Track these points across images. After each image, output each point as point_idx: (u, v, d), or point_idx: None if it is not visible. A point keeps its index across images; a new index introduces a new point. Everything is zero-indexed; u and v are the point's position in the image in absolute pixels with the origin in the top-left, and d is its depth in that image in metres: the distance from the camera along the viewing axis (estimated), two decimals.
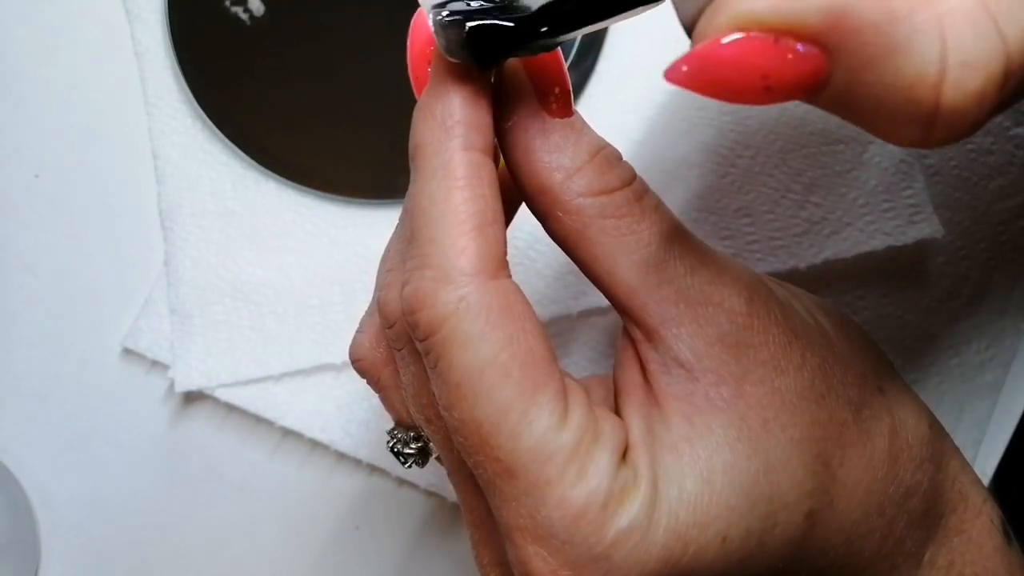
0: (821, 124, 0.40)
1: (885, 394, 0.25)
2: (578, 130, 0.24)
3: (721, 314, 0.23)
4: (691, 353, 0.23)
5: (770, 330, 0.23)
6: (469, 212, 0.22)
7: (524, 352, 0.22)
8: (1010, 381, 0.42)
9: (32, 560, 0.41)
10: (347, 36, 0.40)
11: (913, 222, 0.40)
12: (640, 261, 0.23)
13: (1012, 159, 0.41)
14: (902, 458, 0.24)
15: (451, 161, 0.22)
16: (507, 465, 0.21)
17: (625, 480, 0.22)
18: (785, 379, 0.23)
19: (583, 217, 0.23)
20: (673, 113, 0.40)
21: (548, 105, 0.23)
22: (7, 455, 0.41)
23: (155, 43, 0.41)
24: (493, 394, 0.21)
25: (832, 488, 0.23)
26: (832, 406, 0.23)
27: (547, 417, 0.21)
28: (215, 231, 0.40)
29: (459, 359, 0.21)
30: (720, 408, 0.22)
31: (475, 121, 0.23)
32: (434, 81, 0.23)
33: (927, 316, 0.41)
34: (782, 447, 0.22)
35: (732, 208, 0.40)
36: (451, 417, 0.22)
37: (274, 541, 0.41)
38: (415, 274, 0.22)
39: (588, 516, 0.21)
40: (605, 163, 0.23)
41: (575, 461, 0.21)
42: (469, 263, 0.22)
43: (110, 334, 0.41)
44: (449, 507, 0.41)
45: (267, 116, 0.40)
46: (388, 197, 0.40)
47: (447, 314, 0.21)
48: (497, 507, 0.22)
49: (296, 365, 0.39)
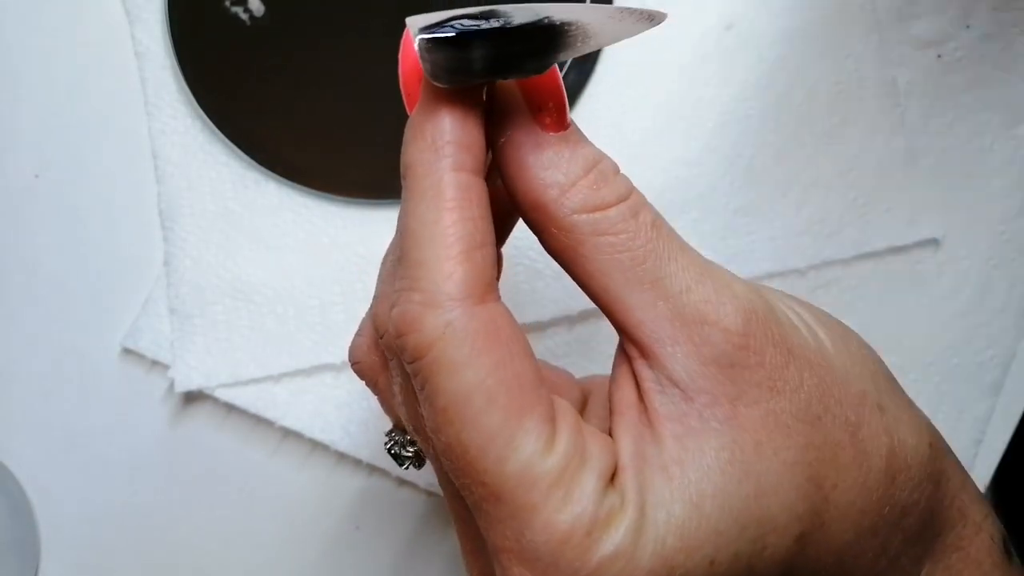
0: (821, 124, 0.40)
1: (885, 413, 0.25)
2: (572, 144, 0.23)
3: (717, 333, 0.23)
4: (685, 373, 0.22)
5: (767, 350, 0.23)
6: (458, 235, 0.22)
7: (511, 377, 0.22)
8: (1010, 381, 0.42)
9: (32, 560, 0.41)
10: (347, 36, 0.40)
11: (913, 222, 0.40)
12: (635, 279, 0.23)
13: (1012, 159, 0.41)
14: (899, 479, 0.24)
15: (440, 183, 0.22)
16: (493, 489, 0.21)
17: (612, 505, 0.21)
18: (781, 400, 0.23)
19: (577, 234, 0.23)
20: (673, 113, 0.40)
21: (542, 119, 0.23)
22: (7, 455, 0.41)
23: (155, 43, 0.41)
24: (479, 420, 0.21)
25: (825, 511, 0.23)
26: (828, 427, 0.23)
27: (533, 442, 0.21)
28: (215, 231, 0.40)
29: (445, 385, 0.21)
30: (714, 429, 0.22)
31: (465, 141, 0.22)
32: (424, 99, 0.23)
33: (927, 316, 0.41)
34: (774, 471, 0.22)
35: (732, 208, 0.40)
36: (438, 440, 0.22)
37: (274, 541, 0.41)
38: (403, 296, 0.22)
39: (573, 541, 0.21)
40: (600, 178, 0.23)
41: (560, 486, 0.21)
42: (456, 288, 0.22)
43: (110, 334, 0.41)
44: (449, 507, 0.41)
45: (267, 116, 0.40)
46: (388, 197, 0.40)
47: (433, 339, 0.21)
48: (484, 527, 0.22)
49: (296, 365, 0.39)
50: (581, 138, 0.24)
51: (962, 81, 0.41)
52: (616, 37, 0.22)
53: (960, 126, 0.41)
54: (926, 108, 0.41)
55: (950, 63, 0.41)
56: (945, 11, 0.41)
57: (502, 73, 0.22)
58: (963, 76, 0.41)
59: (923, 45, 0.41)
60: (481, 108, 0.23)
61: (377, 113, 0.40)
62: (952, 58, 0.41)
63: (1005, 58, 0.41)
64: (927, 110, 0.41)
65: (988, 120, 0.41)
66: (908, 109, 0.40)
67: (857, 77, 0.40)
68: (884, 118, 0.40)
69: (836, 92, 0.40)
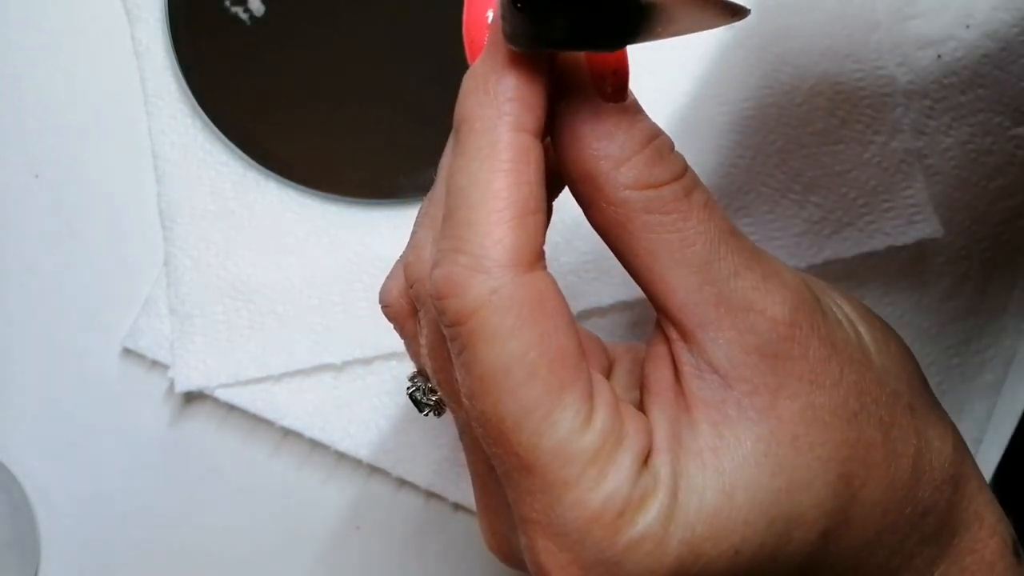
0: (821, 124, 0.40)
1: (915, 414, 0.24)
2: (631, 116, 0.22)
3: (763, 322, 0.22)
4: (727, 360, 0.22)
5: (811, 343, 0.22)
6: (511, 200, 0.21)
7: (554, 350, 0.21)
8: (1010, 381, 0.42)
9: (32, 560, 0.41)
10: (347, 36, 0.40)
11: (913, 222, 0.40)
12: (683, 260, 0.22)
13: (1012, 159, 0.41)
14: (923, 480, 0.24)
15: (499, 142, 0.21)
16: (526, 462, 0.21)
17: (645, 487, 0.21)
18: (821, 395, 0.22)
19: (627, 210, 0.22)
20: (673, 113, 0.40)
21: (602, 88, 0.22)
22: (7, 455, 0.41)
23: (155, 43, 0.41)
24: (518, 392, 0.21)
25: (851, 507, 0.23)
26: (863, 425, 0.23)
27: (571, 418, 0.21)
28: (215, 231, 0.40)
29: (485, 354, 0.21)
30: (751, 420, 0.22)
31: (530, 101, 0.21)
32: (491, 50, 0.21)
33: (927, 316, 0.41)
34: (808, 466, 0.22)
35: (732, 208, 0.40)
36: (472, 407, 0.22)
37: (274, 541, 0.41)
38: (448, 257, 0.21)
39: (603, 520, 0.21)
40: (656, 154, 0.22)
41: (596, 464, 0.21)
42: (505, 254, 0.21)
43: (110, 334, 0.41)
44: (449, 507, 0.41)
45: (267, 116, 0.40)
46: (388, 197, 0.40)
47: (477, 306, 0.21)
48: (512, 496, 0.22)
49: (296, 365, 0.39)
50: (640, 111, 0.23)
51: (962, 81, 0.41)
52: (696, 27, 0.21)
53: (960, 126, 0.41)
54: (926, 108, 0.41)
55: (950, 63, 0.41)
56: (945, 11, 0.41)
57: (578, 46, 0.21)
58: (963, 76, 0.41)
59: (923, 45, 0.41)
60: (547, 67, 0.22)
61: (378, 113, 0.40)
62: (952, 58, 0.41)
63: (1005, 58, 0.41)
64: (927, 110, 0.41)
65: (988, 120, 0.41)
66: (908, 109, 0.40)
67: (857, 77, 0.40)
68: (884, 118, 0.40)
69: (836, 92, 0.40)
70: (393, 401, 0.40)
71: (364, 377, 0.40)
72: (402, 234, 0.38)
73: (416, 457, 0.40)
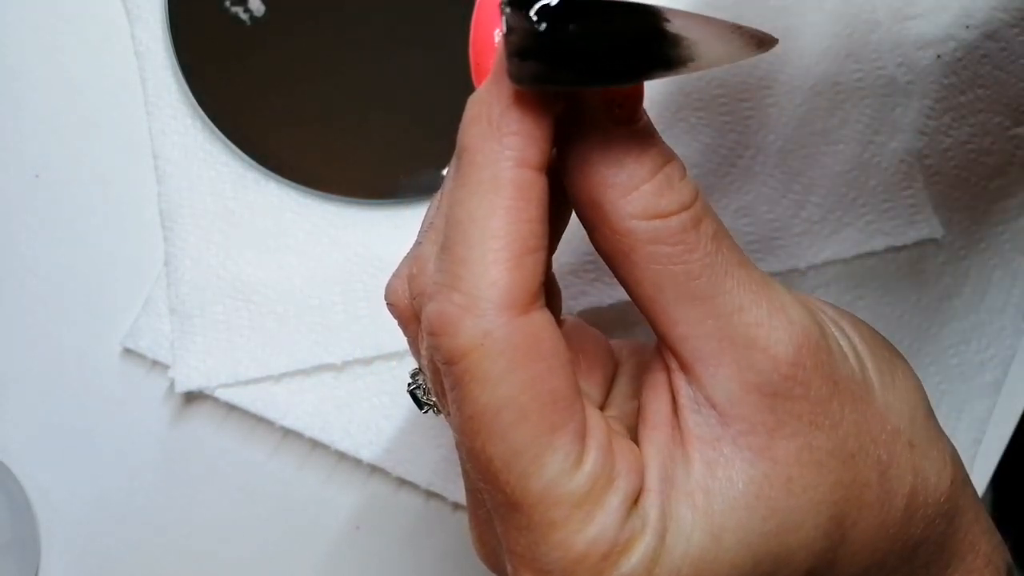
0: (821, 124, 0.40)
1: (914, 449, 0.24)
2: (642, 142, 0.21)
3: (765, 360, 0.21)
4: (725, 396, 0.22)
5: (813, 382, 0.22)
6: (509, 239, 0.20)
7: (545, 393, 0.21)
8: (1010, 381, 0.42)
9: (32, 560, 0.41)
10: (347, 36, 0.40)
11: (913, 222, 0.40)
12: (687, 293, 0.21)
13: (1012, 159, 0.41)
14: (916, 517, 0.24)
15: (499, 178, 0.20)
16: (513, 500, 0.21)
17: (632, 529, 0.21)
18: (819, 436, 0.22)
19: (632, 240, 0.21)
20: (673, 113, 0.40)
21: (612, 111, 0.21)
22: (7, 455, 0.41)
23: (155, 43, 0.41)
24: (507, 434, 0.20)
25: (840, 547, 0.23)
26: (860, 466, 0.22)
27: (561, 461, 0.21)
28: (215, 231, 0.40)
29: (477, 395, 0.20)
30: (746, 460, 0.22)
31: (535, 134, 0.20)
32: (496, 77, 0.20)
33: (927, 316, 0.41)
34: (800, 508, 0.22)
35: (732, 208, 0.40)
36: (461, 442, 0.21)
37: (274, 541, 0.41)
38: (442, 293, 0.21)
39: (587, 562, 0.21)
40: (665, 183, 0.21)
41: (583, 507, 0.21)
42: (500, 296, 0.20)
43: (110, 334, 0.41)
44: (449, 507, 0.41)
45: (267, 116, 0.40)
46: (388, 197, 0.40)
47: (470, 348, 0.20)
48: (500, 528, 0.22)
49: (296, 365, 0.39)
50: (651, 135, 0.22)
51: (962, 81, 0.41)
52: (723, 60, 0.21)
53: (960, 126, 0.41)
54: (926, 108, 0.41)
55: (950, 63, 0.41)
56: (945, 11, 0.41)
57: (592, 85, 0.20)
58: (963, 76, 0.41)
59: (923, 45, 0.41)
60: (554, 98, 0.21)
61: (377, 113, 0.40)
62: (952, 58, 0.41)
63: (1005, 58, 0.41)
64: (927, 110, 0.41)
65: (988, 120, 0.41)
66: (908, 109, 0.40)
67: (857, 77, 0.40)
68: (884, 118, 0.40)
69: (836, 92, 0.40)
70: (393, 401, 0.40)
71: (364, 377, 0.40)
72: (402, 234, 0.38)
73: (416, 457, 0.40)
